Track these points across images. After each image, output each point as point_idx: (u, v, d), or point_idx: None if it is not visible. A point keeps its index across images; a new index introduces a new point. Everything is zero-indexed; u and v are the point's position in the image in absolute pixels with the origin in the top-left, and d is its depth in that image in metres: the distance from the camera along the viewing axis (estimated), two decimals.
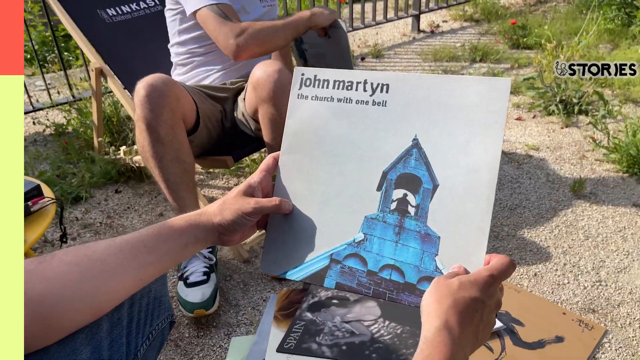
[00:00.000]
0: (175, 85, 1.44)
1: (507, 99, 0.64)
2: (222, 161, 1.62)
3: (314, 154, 0.73)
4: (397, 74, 0.70)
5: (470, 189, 0.64)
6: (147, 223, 1.93)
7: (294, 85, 0.76)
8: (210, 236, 0.74)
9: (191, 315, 1.43)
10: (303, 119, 0.75)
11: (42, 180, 2.09)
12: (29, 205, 1.32)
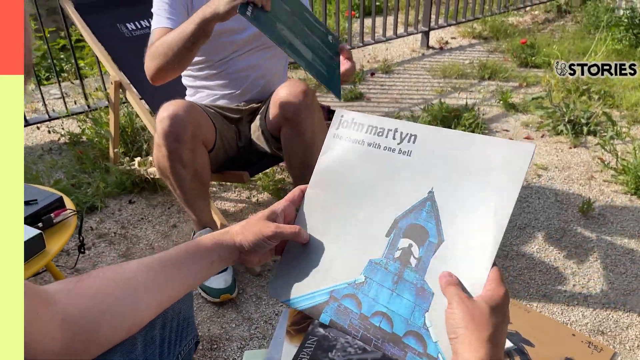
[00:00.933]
0: (196, 110, 1.49)
1: (528, 164, 0.63)
2: (239, 176, 1.65)
3: (337, 193, 0.76)
4: (427, 127, 0.71)
5: (473, 249, 0.64)
6: (160, 234, 1.96)
7: (332, 125, 0.79)
8: (232, 255, 0.77)
9: (217, 300, 1.57)
10: (334, 158, 0.78)
11: (58, 189, 2.12)
12: (52, 217, 1.36)
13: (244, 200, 2.17)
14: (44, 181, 2.20)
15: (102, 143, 2.40)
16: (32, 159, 2.45)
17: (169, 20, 1.51)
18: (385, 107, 2.98)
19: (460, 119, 2.66)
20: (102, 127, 2.44)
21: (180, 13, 1.54)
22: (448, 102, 2.87)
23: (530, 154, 0.63)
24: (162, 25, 1.51)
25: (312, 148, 1.61)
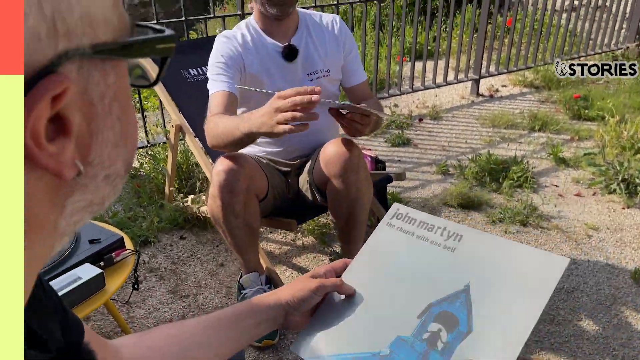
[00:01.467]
0: (250, 164, 1.56)
1: (559, 275, 0.69)
2: (287, 223, 1.71)
3: (379, 270, 0.82)
4: (472, 230, 0.78)
5: (499, 344, 0.68)
6: (208, 272, 2.03)
7: (387, 215, 0.85)
8: (279, 315, 0.82)
9: (259, 344, 1.62)
10: (384, 241, 0.84)
11: (115, 222, 2.24)
12: (113, 256, 1.44)
13: (289, 243, 2.22)
14: (103, 214, 2.32)
15: (158, 178, 2.52)
16: None
17: (225, 84, 1.58)
18: (432, 155, 3.00)
19: (508, 171, 2.64)
20: (159, 163, 2.57)
21: (235, 77, 1.61)
22: (496, 153, 2.86)
23: (563, 269, 0.70)
24: (219, 89, 1.58)
25: (356, 204, 1.65)
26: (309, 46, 1.71)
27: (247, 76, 1.65)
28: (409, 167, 2.88)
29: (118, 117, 0.35)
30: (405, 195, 2.56)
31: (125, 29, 0.35)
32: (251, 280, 1.75)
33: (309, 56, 1.70)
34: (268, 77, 1.67)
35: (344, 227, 1.73)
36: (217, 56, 1.62)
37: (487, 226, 2.30)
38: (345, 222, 1.70)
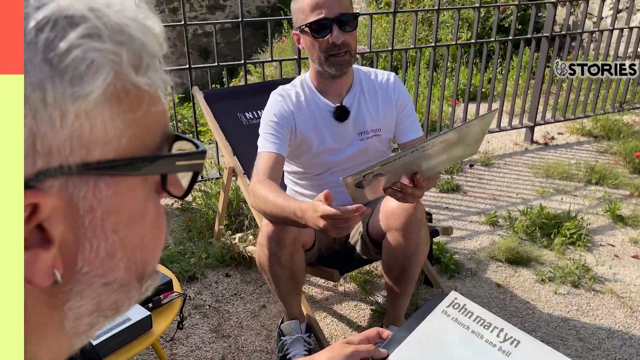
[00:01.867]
0: None
1: None
2: (329, 273, 1.72)
3: (426, 356, 0.81)
4: (531, 338, 0.76)
5: None
6: (250, 313, 2.07)
7: (444, 302, 0.85)
8: None
9: None
10: (436, 329, 0.83)
11: (166, 256, 2.32)
12: (161, 298, 1.50)
13: (331, 289, 2.23)
14: None
15: (209, 214, 2.60)
16: None
17: (274, 145, 1.62)
18: (482, 204, 2.96)
19: (561, 227, 2.56)
20: (211, 199, 2.66)
21: (285, 137, 1.64)
22: (549, 206, 2.78)
23: None
24: (267, 149, 1.62)
25: (412, 260, 1.64)
26: (361, 106, 1.72)
27: (297, 134, 1.68)
28: (457, 215, 2.84)
29: (113, 230, 0.35)
30: (451, 246, 2.53)
31: (141, 146, 0.35)
32: (292, 327, 1.77)
33: (360, 116, 1.71)
34: (318, 136, 1.69)
35: (395, 281, 1.72)
36: (269, 114, 1.67)
37: (536, 285, 2.24)
38: (397, 277, 1.70)
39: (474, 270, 2.34)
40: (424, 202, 2.94)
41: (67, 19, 0.31)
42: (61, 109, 0.31)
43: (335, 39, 1.54)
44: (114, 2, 0.34)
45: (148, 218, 0.38)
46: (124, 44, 0.33)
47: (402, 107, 1.76)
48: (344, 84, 1.71)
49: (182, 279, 2.24)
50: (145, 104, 0.35)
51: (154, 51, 0.36)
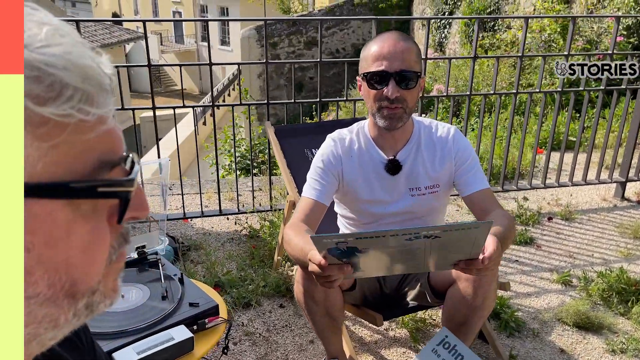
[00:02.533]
0: None
1: None
2: (372, 317, 1.71)
3: None
4: None
5: None
6: (297, 347, 2.09)
7: (434, 340, 0.84)
8: None
9: None
10: None
11: (227, 280, 2.42)
12: (206, 322, 1.57)
13: (381, 333, 2.20)
14: (218, 269, 2.53)
15: (272, 244, 2.69)
16: (216, 246, 2.85)
17: (315, 191, 1.64)
18: (556, 260, 2.78)
19: None
20: (276, 229, 2.74)
21: (330, 183, 1.66)
22: (632, 270, 2.56)
23: None
24: (308, 195, 1.64)
25: (476, 313, 1.58)
26: (417, 162, 1.69)
27: (344, 181, 1.69)
28: (526, 269, 2.70)
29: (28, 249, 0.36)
30: (515, 302, 2.40)
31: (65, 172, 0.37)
32: None
33: (414, 172, 1.69)
34: (367, 186, 1.69)
35: (454, 331, 1.66)
36: (318, 159, 1.70)
37: (605, 355, 2.06)
38: (457, 328, 1.61)
39: (537, 331, 2.20)
40: None
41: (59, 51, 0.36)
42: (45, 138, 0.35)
43: (389, 93, 1.53)
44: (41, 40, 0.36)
45: (76, 240, 0.39)
46: (35, 78, 0.35)
47: (462, 161, 1.69)
48: (401, 137, 1.68)
49: (239, 305, 2.32)
50: (68, 132, 0.36)
51: (78, 84, 0.37)
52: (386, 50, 1.53)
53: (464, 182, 1.69)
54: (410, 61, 1.54)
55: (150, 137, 3.65)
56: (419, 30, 12.52)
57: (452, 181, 1.72)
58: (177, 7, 28.33)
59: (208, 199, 3.40)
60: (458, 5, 10.78)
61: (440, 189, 1.72)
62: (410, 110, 1.62)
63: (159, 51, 25.80)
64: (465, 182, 1.69)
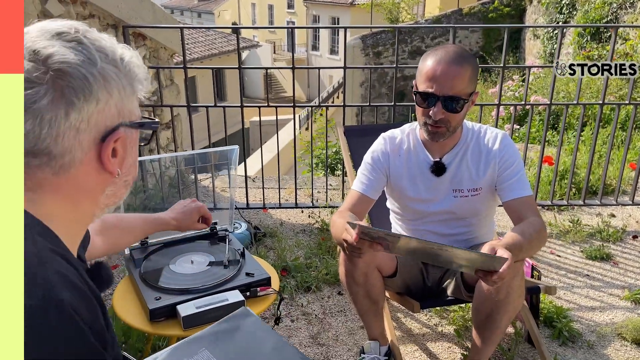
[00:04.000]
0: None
1: None
2: (411, 304, 1.82)
3: None
4: None
5: None
6: (347, 330, 2.25)
7: None
8: None
9: None
10: None
11: (293, 265, 2.64)
12: (257, 290, 1.79)
13: (430, 327, 2.28)
14: (286, 255, 2.76)
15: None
16: (289, 235, 3.09)
17: (362, 185, 1.79)
18: (631, 278, 2.66)
19: None
20: None
21: (377, 179, 1.80)
22: None
23: None
24: (356, 188, 1.80)
25: (500, 308, 1.64)
26: (462, 165, 1.76)
27: (390, 178, 1.82)
28: (596, 285, 2.62)
29: (132, 155, 0.80)
30: (576, 314, 2.36)
31: (138, 116, 0.79)
32: (371, 347, 1.91)
33: (458, 175, 1.76)
34: (412, 184, 1.80)
35: (480, 325, 1.74)
36: (369, 155, 1.85)
37: None
38: (483, 322, 1.71)
39: (592, 344, 2.16)
40: (564, 263, 2.78)
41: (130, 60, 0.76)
42: (129, 97, 0.75)
43: (434, 114, 1.62)
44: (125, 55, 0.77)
45: (134, 152, 0.81)
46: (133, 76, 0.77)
47: (506, 167, 1.73)
48: (448, 142, 1.75)
49: (301, 288, 2.53)
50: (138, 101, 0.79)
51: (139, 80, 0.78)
52: (438, 73, 1.58)
53: (505, 188, 1.73)
54: (459, 87, 1.60)
55: (257, 140, 4.00)
56: (529, 41, 12.02)
57: (494, 186, 1.77)
58: (291, 17, 29.62)
59: (289, 194, 3.66)
60: (573, 15, 10.23)
61: (483, 192, 1.78)
62: (453, 129, 1.69)
63: (272, 59, 27.15)
64: (506, 188, 1.73)
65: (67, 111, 0.67)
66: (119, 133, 0.73)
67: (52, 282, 0.59)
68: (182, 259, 1.86)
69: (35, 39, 0.66)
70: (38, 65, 0.64)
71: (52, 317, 0.57)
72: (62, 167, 0.69)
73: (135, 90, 0.76)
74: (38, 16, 2.13)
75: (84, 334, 0.60)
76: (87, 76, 0.68)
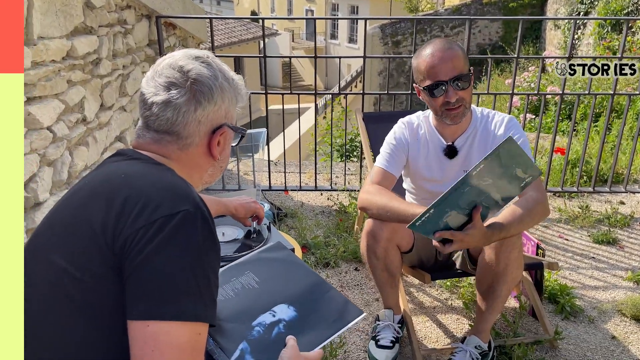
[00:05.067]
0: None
1: None
2: (422, 275, 1.99)
3: None
4: None
5: None
6: (364, 301, 2.42)
7: None
8: None
9: None
10: None
11: (313, 243, 2.82)
12: None
13: (441, 300, 2.45)
14: (306, 234, 2.94)
15: (354, 218, 3.03)
16: (309, 216, 3.27)
17: (386, 162, 1.95)
18: (635, 262, 2.79)
19: None
20: None
21: (399, 158, 1.96)
22: None
23: None
24: (380, 165, 1.95)
25: (500, 279, 1.80)
26: (472, 148, 1.92)
27: (409, 160, 1.99)
28: (601, 266, 2.75)
29: (228, 149, 1.13)
30: (581, 292, 2.50)
31: (235, 122, 1.12)
32: (386, 315, 2.08)
33: (469, 157, 1.92)
34: (427, 166, 1.97)
35: (483, 296, 1.90)
36: (391, 137, 2.01)
37: None
38: (485, 292, 1.87)
39: (593, 318, 2.30)
40: (575, 247, 2.91)
41: (237, 80, 1.11)
42: (233, 106, 1.10)
43: (449, 98, 1.77)
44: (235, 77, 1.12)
45: (228, 148, 1.13)
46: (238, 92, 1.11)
47: None
48: (459, 126, 1.91)
49: (320, 264, 2.71)
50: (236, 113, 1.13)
51: (241, 96, 1.12)
52: (437, 62, 1.76)
53: None
54: (460, 64, 1.77)
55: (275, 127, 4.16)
56: (550, 31, 11.96)
57: None
58: (310, 6, 29.62)
59: (309, 178, 3.84)
60: (594, 5, 10.16)
61: None
62: (469, 104, 1.86)
63: (290, 47, 27.23)
64: None
65: (195, 107, 1.00)
66: (224, 129, 1.06)
67: (198, 200, 0.92)
68: (216, 230, 2.04)
69: (180, 58, 1.02)
70: (182, 75, 0.99)
71: (200, 220, 0.88)
72: (185, 145, 1.02)
73: (238, 101, 1.09)
74: (83, 8, 2.31)
75: (214, 234, 0.92)
76: (211, 86, 1.01)
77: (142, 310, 0.81)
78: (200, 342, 0.86)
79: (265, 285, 1.37)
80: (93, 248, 0.85)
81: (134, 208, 0.85)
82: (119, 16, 2.69)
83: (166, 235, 0.84)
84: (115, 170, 0.95)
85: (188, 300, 0.84)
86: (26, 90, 1.93)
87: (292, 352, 1.10)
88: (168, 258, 0.83)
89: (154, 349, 0.79)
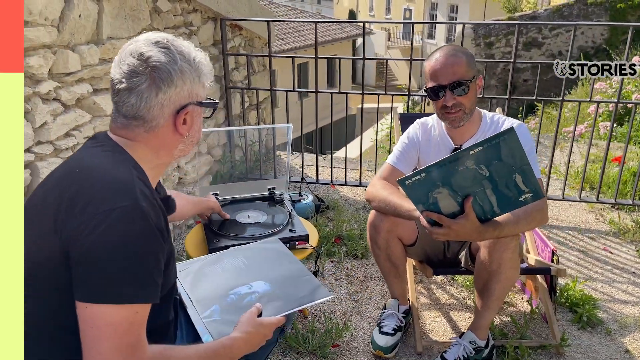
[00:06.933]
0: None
1: None
2: (424, 268, 2.10)
3: None
4: None
5: None
6: (382, 292, 2.56)
7: None
8: None
9: (374, 352, 2.11)
10: None
11: (347, 234, 2.98)
12: (296, 243, 2.16)
13: (450, 293, 2.52)
14: (343, 226, 3.11)
15: None
16: (349, 210, 3.44)
17: (396, 159, 2.06)
18: None
19: None
20: None
21: (410, 156, 2.06)
22: None
23: None
24: (390, 161, 2.07)
25: (494, 278, 1.87)
26: None
27: (419, 158, 2.08)
28: (639, 282, 2.65)
29: (195, 123, 1.22)
30: (606, 305, 2.45)
31: (203, 98, 1.20)
32: (392, 304, 2.21)
33: None
34: None
35: (480, 293, 1.97)
36: (404, 136, 2.13)
37: None
38: (481, 289, 1.95)
39: (611, 331, 2.26)
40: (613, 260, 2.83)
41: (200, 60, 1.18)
42: (197, 84, 1.17)
43: (446, 102, 1.87)
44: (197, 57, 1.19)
45: (198, 123, 1.23)
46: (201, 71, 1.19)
47: None
48: (467, 130, 1.99)
49: (349, 254, 2.87)
50: (205, 88, 1.21)
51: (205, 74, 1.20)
52: (438, 67, 1.87)
53: None
54: (461, 70, 1.85)
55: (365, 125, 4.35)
56: None
57: None
58: (408, 5, 29.39)
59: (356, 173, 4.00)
60: None
61: None
62: (469, 110, 1.92)
63: (385, 47, 27.23)
64: None
65: (157, 93, 1.09)
66: (188, 108, 1.15)
67: (137, 195, 1.03)
68: (242, 213, 2.29)
69: (141, 45, 1.11)
70: (142, 63, 1.09)
71: (136, 214, 1.01)
72: (151, 128, 1.13)
73: (201, 80, 1.17)
74: (150, 12, 2.66)
75: (151, 226, 1.03)
76: (170, 71, 1.10)
77: (84, 293, 0.97)
78: (139, 319, 1.00)
79: (251, 267, 1.59)
80: (49, 234, 1.00)
81: (79, 203, 1.00)
82: (184, 19, 3.03)
83: (105, 228, 0.97)
84: (75, 165, 1.10)
85: (123, 284, 0.98)
86: (93, 83, 2.30)
87: (249, 315, 1.29)
88: (105, 248, 0.97)
89: (92, 327, 0.96)
